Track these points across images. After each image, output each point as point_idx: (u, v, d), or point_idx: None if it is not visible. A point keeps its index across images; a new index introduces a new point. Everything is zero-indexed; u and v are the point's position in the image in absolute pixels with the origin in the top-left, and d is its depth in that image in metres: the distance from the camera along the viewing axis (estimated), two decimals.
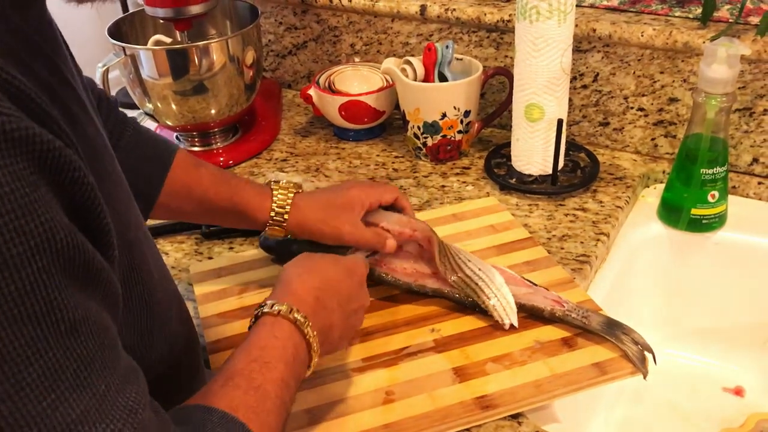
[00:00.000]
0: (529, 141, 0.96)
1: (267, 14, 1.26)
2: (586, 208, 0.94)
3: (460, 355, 0.71)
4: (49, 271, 0.35)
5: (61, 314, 0.36)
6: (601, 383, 0.68)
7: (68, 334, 0.36)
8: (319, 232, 0.76)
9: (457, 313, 0.77)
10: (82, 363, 0.37)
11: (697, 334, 0.99)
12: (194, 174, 0.76)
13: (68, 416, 0.37)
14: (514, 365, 0.70)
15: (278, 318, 0.57)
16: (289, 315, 0.57)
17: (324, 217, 0.76)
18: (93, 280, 0.39)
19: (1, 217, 0.33)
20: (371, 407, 0.66)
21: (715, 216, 0.92)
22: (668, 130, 1.03)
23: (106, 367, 0.39)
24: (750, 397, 0.95)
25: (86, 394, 0.37)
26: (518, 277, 0.79)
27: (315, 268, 0.64)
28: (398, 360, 0.71)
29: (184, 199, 0.75)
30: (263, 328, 0.57)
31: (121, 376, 0.41)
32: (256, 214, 0.76)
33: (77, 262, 0.37)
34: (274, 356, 0.55)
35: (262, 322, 0.58)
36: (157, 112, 1.07)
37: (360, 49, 1.22)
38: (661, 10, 1.01)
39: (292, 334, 0.57)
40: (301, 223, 0.76)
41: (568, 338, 0.72)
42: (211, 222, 0.83)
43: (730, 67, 0.84)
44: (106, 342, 0.40)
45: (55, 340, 0.36)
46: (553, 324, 0.74)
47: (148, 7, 1.02)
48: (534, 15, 0.88)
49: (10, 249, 0.33)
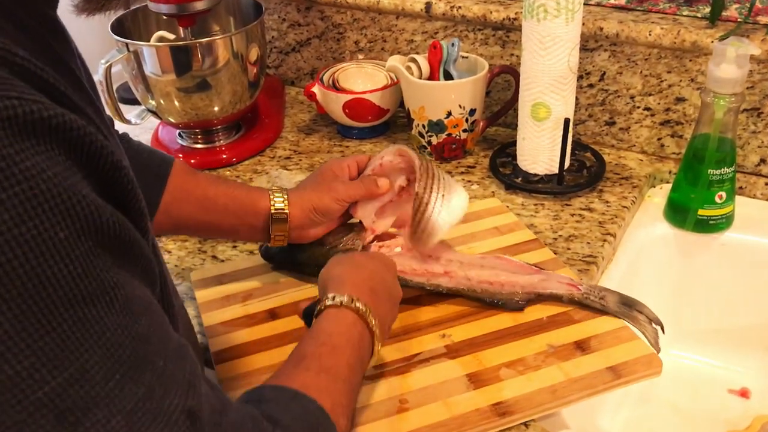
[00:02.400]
0: (535, 140, 0.96)
1: (271, 11, 1.25)
2: (592, 208, 0.94)
3: (473, 360, 0.70)
4: (96, 252, 0.35)
5: (114, 293, 0.36)
6: (617, 387, 0.68)
7: (122, 312, 0.36)
8: (321, 204, 0.77)
9: (466, 317, 0.76)
10: (139, 341, 0.37)
11: (702, 336, 0.99)
12: (192, 178, 0.77)
13: (135, 394, 0.36)
14: (528, 370, 0.69)
15: (341, 308, 0.61)
16: (351, 305, 0.61)
17: (318, 192, 0.77)
18: (135, 258, 0.39)
19: (47, 202, 0.33)
20: (386, 416, 0.65)
21: (722, 217, 0.91)
22: (675, 129, 1.02)
23: (161, 342, 0.39)
24: (756, 399, 0.94)
25: (147, 370, 0.37)
26: (527, 264, 0.79)
27: (359, 264, 0.68)
28: (411, 367, 0.70)
29: (184, 202, 0.75)
30: (328, 318, 0.60)
31: (175, 350, 0.41)
32: (257, 205, 0.76)
33: (121, 240, 0.37)
34: (341, 342, 0.58)
35: (325, 314, 0.61)
36: (160, 108, 1.06)
37: (364, 46, 1.21)
38: (669, 9, 1.00)
39: (356, 322, 0.60)
40: (302, 209, 0.76)
41: (581, 341, 0.72)
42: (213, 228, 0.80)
43: (739, 67, 0.83)
44: (156, 318, 0.40)
45: (111, 320, 0.36)
46: (564, 326, 0.73)
47: (151, 3, 1.01)
48: (542, 13, 0.87)
49: (57, 233, 0.33)
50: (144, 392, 0.37)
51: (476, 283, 0.77)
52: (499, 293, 0.77)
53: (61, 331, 0.33)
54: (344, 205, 0.78)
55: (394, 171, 0.81)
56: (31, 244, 0.32)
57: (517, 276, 0.77)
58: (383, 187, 0.79)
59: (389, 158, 0.80)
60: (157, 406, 0.37)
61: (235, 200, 0.76)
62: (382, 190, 0.79)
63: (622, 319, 0.74)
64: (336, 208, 0.78)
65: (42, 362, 0.33)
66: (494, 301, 0.77)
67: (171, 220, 0.75)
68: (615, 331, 0.73)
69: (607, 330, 0.73)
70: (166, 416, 0.38)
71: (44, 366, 0.33)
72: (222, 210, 0.76)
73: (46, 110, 0.34)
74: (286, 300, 0.79)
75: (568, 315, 0.75)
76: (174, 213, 0.75)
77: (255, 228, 0.77)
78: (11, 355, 0.32)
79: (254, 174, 1.06)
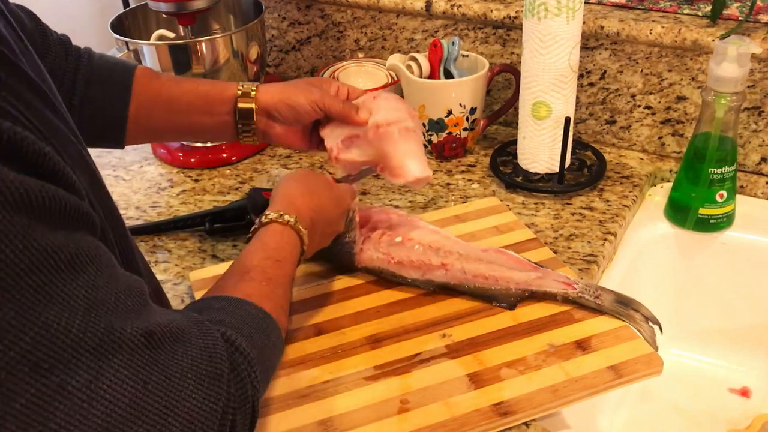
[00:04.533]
0: (535, 139, 0.95)
1: (271, 9, 1.25)
2: (593, 207, 0.94)
3: (474, 360, 0.70)
4: (32, 226, 0.38)
5: (57, 256, 0.39)
6: (618, 386, 0.67)
7: (68, 269, 0.40)
8: (293, 99, 0.76)
9: (466, 317, 0.75)
10: (90, 288, 0.41)
11: (703, 335, 0.99)
12: (156, 82, 0.77)
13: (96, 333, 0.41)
14: (529, 370, 0.69)
15: (287, 227, 0.67)
16: (296, 226, 0.67)
17: (295, 89, 0.77)
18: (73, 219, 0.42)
19: None
20: (387, 417, 0.64)
21: (723, 216, 0.91)
22: (676, 128, 1.02)
23: (111, 282, 0.43)
24: (756, 398, 0.94)
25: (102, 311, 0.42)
26: (524, 260, 0.79)
27: (314, 191, 0.72)
28: (411, 367, 0.70)
29: (151, 108, 0.75)
30: (275, 232, 0.67)
31: (125, 285, 0.45)
32: (223, 94, 0.76)
33: (53, 209, 0.40)
34: (284, 257, 0.65)
35: (273, 227, 0.67)
36: None
37: (364, 45, 1.21)
38: (670, 8, 1.00)
39: (296, 242, 0.68)
40: (272, 95, 0.76)
41: (582, 341, 0.72)
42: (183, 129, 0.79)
43: (740, 66, 0.83)
44: (103, 261, 0.43)
45: (59, 278, 0.39)
46: (565, 325, 0.73)
47: (151, 2, 1.01)
48: (542, 12, 0.87)
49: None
50: (104, 329, 0.41)
51: (471, 277, 0.77)
52: (492, 289, 0.77)
53: (18, 299, 0.37)
54: (316, 110, 0.76)
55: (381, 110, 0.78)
56: None
57: (513, 272, 0.77)
58: (361, 118, 0.76)
59: (385, 96, 0.79)
60: (117, 338, 0.42)
61: (200, 96, 0.76)
62: (358, 119, 0.76)
63: (618, 318, 0.74)
64: (306, 109, 0.76)
65: (8, 328, 0.36)
66: (486, 296, 0.77)
67: (142, 129, 0.76)
68: (615, 330, 0.73)
69: (608, 329, 0.73)
70: (127, 343, 0.42)
71: (11, 330, 0.36)
72: (189, 108, 0.76)
73: None
74: None
75: (569, 314, 0.75)
76: (143, 121, 0.75)
77: (225, 123, 0.76)
78: None
79: (254, 173, 1.06)
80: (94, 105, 0.74)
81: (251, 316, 0.58)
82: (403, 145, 0.76)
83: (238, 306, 0.58)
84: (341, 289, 0.80)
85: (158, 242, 0.92)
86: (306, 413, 0.65)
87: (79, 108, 0.74)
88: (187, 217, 0.94)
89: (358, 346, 0.72)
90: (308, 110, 0.76)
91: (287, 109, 0.76)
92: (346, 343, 0.73)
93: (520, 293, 0.76)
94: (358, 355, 0.71)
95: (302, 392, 0.67)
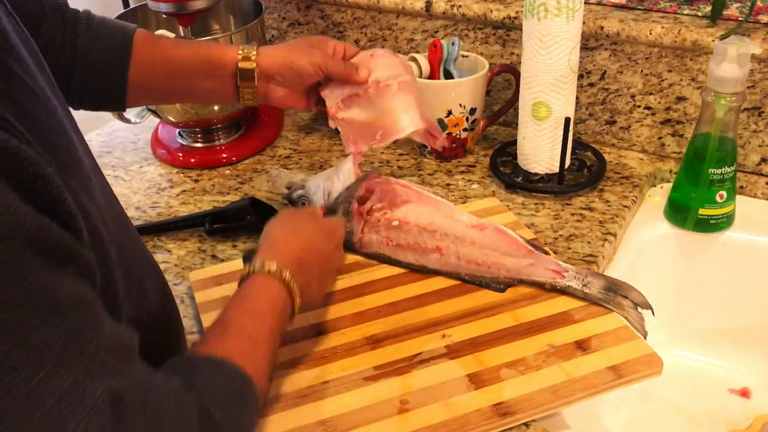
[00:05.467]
0: (535, 139, 0.95)
1: (270, 9, 1.25)
2: (592, 208, 0.94)
3: (474, 361, 0.70)
4: (23, 256, 0.36)
5: (41, 295, 0.37)
6: (618, 386, 0.68)
7: (50, 312, 0.38)
8: (295, 61, 0.76)
9: (467, 317, 0.75)
10: (67, 337, 0.39)
11: (703, 335, 0.99)
12: (155, 46, 0.76)
13: (59, 387, 0.38)
14: (529, 370, 0.69)
15: (269, 277, 0.62)
16: (279, 275, 0.63)
17: (296, 51, 0.77)
18: (65, 256, 0.40)
19: None
20: (387, 417, 0.64)
21: (723, 216, 0.91)
22: (676, 129, 1.02)
23: (92, 332, 0.41)
24: (756, 398, 0.94)
25: (75, 363, 0.39)
26: (519, 240, 0.79)
27: (298, 230, 0.69)
28: (411, 367, 0.70)
29: (152, 73, 0.75)
30: (255, 284, 0.62)
31: (108, 337, 0.42)
32: (224, 57, 0.75)
33: (47, 244, 0.38)
34: (265, 308, 0.61)
35: (253, 279, 0.63)
36: (160, 108, 1.06)
37: (364, 45, 1.21)
38: (670, 8, 1.00)
39: (281, 291, 0.63)
40: (274, 58, 0.75)
41: (582, 341, 0.72)
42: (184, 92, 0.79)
43: (740, 66, 0.83)
44: (88, 309, 0.41)
45: (37, 321, 0.37)
46: (565, 326, 0.73)
47: (151, 2, 1.01)
48: (542, 12, 0.87)
49: None
50: (69, 385, 0.38)
51: (464, 263, 0.79)
52: (482, 276, 0.78)
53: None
54: (318, 72, 0.76)
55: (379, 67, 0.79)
56: None
57: (505, 258, 0.78)
58: (362, 77, 0.77)
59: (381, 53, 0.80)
60: (80, 397, 0.39)
61: (200, 59, 0.76)
62: (359, 78, 0.77)
63: (605, 306, 0.74)
64: (308, 72, 0.76)
65: None
66: (475, 281, 0.78)
67: (143, 92, 0.76)
68: (616, 331, 0.73)
69: (608, 329, 0.73)
70: (89, 404, 0.39)
71: None
72: (190, 71, 0.75)
73: None
74: None
75: (569, 314, 0.75)
76: (144, 84, 0.75)
77: (226, 85, 0.76)
78: None
79: (254, 173, 1.06)
80: (94, 72, 0.74)
81: (230, 381, 0.55)
82: (402, 98, 0.78)
83: (220, 369, 0.55)
84: (341, 289, 0.80)
85: (158, 242, 0.92)
86: (306, 413, 0.65)
87: (80, 77, 0.74)
88: (187, 217, 0.94)
89: (358, 346, 0.72)
90: (311, 73, 0.76)
91: (290, 72, 0.76)
92: (346, 343, 0.73)
93: (509, 281, 0.78)
94: (358, 355, 0.71)
95: (302, 392, 0.67)
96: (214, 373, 0.54)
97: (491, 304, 0.77)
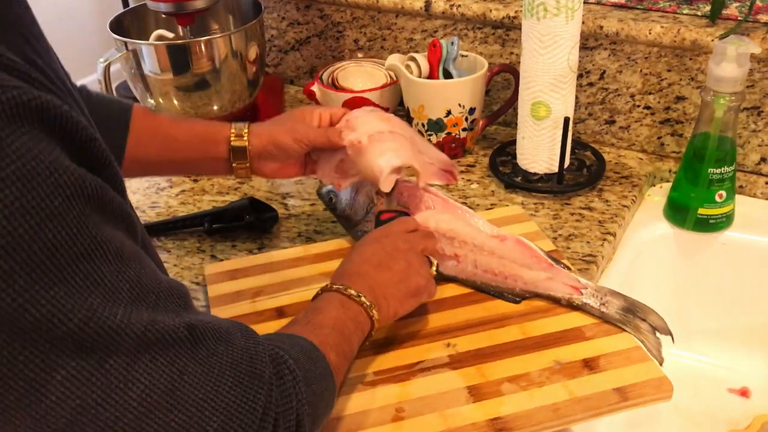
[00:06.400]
0: (534, 139, 0.95)
1: (270, 9, 1.25)
2: (592, 207, 0.94)
3: (476, 372, 0.68)
4: (86, 213, 0.40)
5: (106, 246, 0.41)
6: (623, 410, 0.65)
7: (115, 261, 0.42)
8: (280, 138, 0.79)
9: (474, 327, 0.74)
10: (133, 283, 0.42)
11: (703, 335, 0.99)
12: (153, 121, 0.79)
13: (140, 322, 0.42)
14: (532, 386, 0.66)
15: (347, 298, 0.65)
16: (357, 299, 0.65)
17: (281, 127, 0.80)
18: (117, 215, 0.44)
19: (39, 176, 0.38)
20: (380, 424, 0.63)
21: (722, 216, 0.91)
22: (675, 128, 1.02)
23: (152, 282, 0.44)
24: (756, 398, 0.94)
25: (143, 306, 0.43)
26: (539, 252, 0.77)
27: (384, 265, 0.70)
28: (411, 375, 0.69)
29: (148, 144, 0.78)
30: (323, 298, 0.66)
31: (166, 287, 0.46)
32: (218, 134, 0.79)
33: (103, 201, 0.42)
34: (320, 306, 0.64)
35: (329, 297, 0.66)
36: (159, 107, 1.06)
37: (364, 45, 1.21)
38: (669, 8, 1.00)
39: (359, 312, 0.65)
40: (261, 138, 0.79)
41: (590, 360, 0.69)
42: (178, 166, 0.82)
43: (740, 66, 0.83)
44: (144, 262, 0.45)
45: (107, 268, 0.41)
46: (574, 342, 0.71)
47: (150, 2, 1.01)
48: (541, 12, 0.87)
49: (52, 201, 0.38)
50: (147, 319, 0.42)
51: (481, 272, 0.77)
52: (498, 286, 0.77)
53: (66, 283, 0.39)
54: (302, 147, 0.79)
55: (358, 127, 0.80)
56: (32, 213, 0.37)
57: (523, 270, 0.77)
58: (343, 140, 0.79)
59: (356, 114, 0.81)
60: (160, 329, 0.43)
61: (197, 135, 0.79)
62: (342, 142, 0.79)
63: (621, 327, 0.72)
64: (293, 147, 0.79)
65: (57, 309, 0.38)
66: (490, 291, 0.77)
67: (138, 164, 0.78)
68: (626, 351, 0.70)
69: (619, 349, 0.70)
70: (169, 334, 0.44)
71: (59, 311, 0.38)
72: (185, 146, 0.79)
73: (26, 94, 0.38)
74: (295, 299, 0.79)
75: (580, 331, 0.73)
76: (140, 156, 0.77)
77: (218, 160, 0.79)
78: (30, 305, 0.37)
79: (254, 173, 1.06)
80: None
81: (298, 342, 0.58)
82: (373, 150, 0.78)
83: (285, 335, 0.59)
84: None
85: (157, 243, 0.92)
86: None
87: None
88: (186, 217, 0.94)
89: (361, 350, 0.72)
90: (296, 148, 0.79)
91: (276, 149, 0.80)
92: None
93: (525, 293, 0.76)
94: (360, 360, 0.70)
95: None
96: (280, 336, 0.58)
97: (501, 315, 0.75)
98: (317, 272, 0.83)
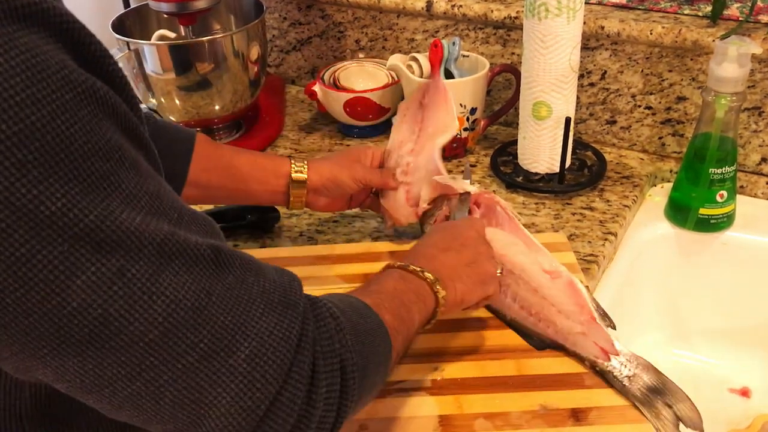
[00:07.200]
0: (536, 139, 0.95)
1: (271, 9, 1.25)
2: (593, 207, 0.94)
3: (453, 402, 0.65)
4: (98, 116, 0.38)
5: (121, 153, 0.39)
6: None
7: (131, 170, 0.40)
8: (338, 177, 0.83)
9: (469, 354, 0.70)
10: (152, 196, 0.40)
11: (703, 335, 0.99)
12: (216, 150, 0.82)
13: (161, 230, 0.40)
14: (506, 428, 0.62)
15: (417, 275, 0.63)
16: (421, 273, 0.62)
17: (339, 166, 0.84)
18: (134, 138, 0.41)
19: (49, 69, 0.36)
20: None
21: (723, 216, 0.91)
22: (676, 128, 1.02)
23: (172, 201, 0.42)
24: (756, 398, 0.94)
25: (165, 219, 0.41)
26: (588, 304, 0.70)
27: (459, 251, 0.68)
28: (387, 393, 0.65)
29: (211, 171, 0.80)
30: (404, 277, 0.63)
31: (188, 211, 0.44)
32: (279, 168, 0.82)
33: (118, 114, 0.40)
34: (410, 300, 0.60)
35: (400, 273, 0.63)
36: (161, 107, 1.06)
37: (365, 45, 1.21)
38: (670, 8, 1.00)
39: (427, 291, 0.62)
40: (321, 174, 0.82)
41: (579, 410, 0.64)
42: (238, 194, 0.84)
43: (741, 66, 0.83)
44: (163, 183, 0.43)
45: (124, 174, 0.39)
46: (568, 389, 0.66)
47: (152, 2, 1.01)
48: (543, 12, 0.87)
49: (63, 95, 0.37)
50: (168, 230, 0.40)
51: (517, 307, 0.73)
52: (527, 327, 0.72)
53: (82, 180, 0.37)
54: (359, 186, 0.84)
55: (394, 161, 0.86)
56: (44, 103, 0.36)
57: (560, 317, 0.70)
58: (392, 185, 0.85)
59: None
60: (182, 243, 0.41)
61: (258, 167, 0.82)
62: (395, 185, 0.85)
63: (640, 408, 0.64)
64: (350, 186, 0.83)
65: (73, 203, 0.37)
66: (517, 329, 0.73)
67: (199, 190, 0.80)
68: (622, 408, 0.64)
69: (615, 404, 0.65)
70: (192, 250, 0.41)
71: (75, 206, 0.37)
72: (247, 177, 0.81)
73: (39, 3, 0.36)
74: None
75: (580, 377, 0.68)
76: (202, 182, 0.79)
77: (276, 192, 0.82)
78: (45, 198, 0.36)
79: None
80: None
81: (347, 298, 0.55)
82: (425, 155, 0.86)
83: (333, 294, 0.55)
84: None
85: None
86: None
87: None
88: None
89: None
90: (353, 186, 0.84)
91: (334, 186, 0.83)
92: None
93: (552, 342, 0.71)
94: None
95: None
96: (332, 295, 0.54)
97: (501, 347, 0.71)
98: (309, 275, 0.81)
